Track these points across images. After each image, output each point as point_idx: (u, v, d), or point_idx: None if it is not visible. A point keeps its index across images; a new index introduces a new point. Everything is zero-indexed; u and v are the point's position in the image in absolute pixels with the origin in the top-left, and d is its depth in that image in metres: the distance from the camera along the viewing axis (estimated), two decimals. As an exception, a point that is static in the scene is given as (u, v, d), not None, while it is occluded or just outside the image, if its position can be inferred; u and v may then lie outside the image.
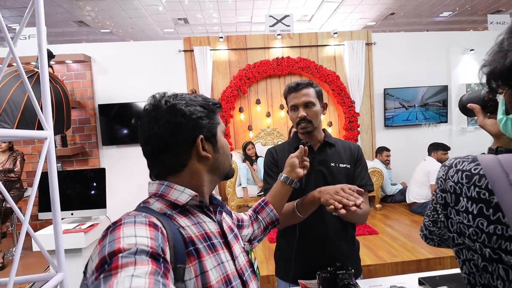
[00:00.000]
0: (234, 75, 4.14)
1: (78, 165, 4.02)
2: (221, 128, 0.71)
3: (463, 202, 0.54)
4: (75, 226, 2.23)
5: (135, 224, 0.49)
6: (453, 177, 0.57)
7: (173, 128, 0.63)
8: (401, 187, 4.09)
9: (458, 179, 0.56)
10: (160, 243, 0.48)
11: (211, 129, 0.67)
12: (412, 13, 7.68)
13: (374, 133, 4.44)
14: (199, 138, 0.64)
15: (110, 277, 0.40)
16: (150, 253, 0.45)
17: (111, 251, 0.44)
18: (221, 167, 0.70)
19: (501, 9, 7.54)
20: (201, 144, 0.64)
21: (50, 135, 0.83)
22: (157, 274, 0.42)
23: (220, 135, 0.70)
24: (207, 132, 0.66)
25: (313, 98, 1.20)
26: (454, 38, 4.54)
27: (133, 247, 0.44)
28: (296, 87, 1.19)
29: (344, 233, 1.25)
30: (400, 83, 4.40)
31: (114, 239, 0.46)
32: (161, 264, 0.45)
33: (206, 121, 0.66)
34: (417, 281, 1.15)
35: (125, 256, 0.43)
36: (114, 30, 8.06)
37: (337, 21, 7.86)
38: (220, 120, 0.72)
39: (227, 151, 0.72)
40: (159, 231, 0.51)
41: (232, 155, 0.70)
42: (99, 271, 0.42)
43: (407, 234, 2.96)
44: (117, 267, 0.41)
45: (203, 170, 0.66)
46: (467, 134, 4.52)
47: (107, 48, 4.11)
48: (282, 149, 1.27)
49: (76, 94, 3.99)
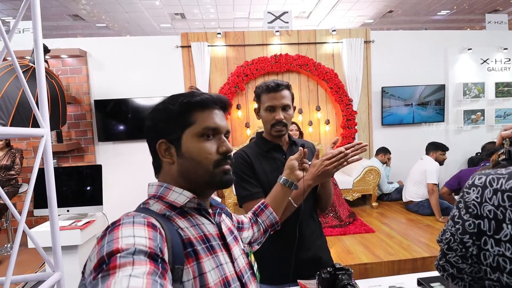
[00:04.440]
0: (232, 71, 4.11)
1: (74, 161, 3.98)
2: (195, 130, 0.63)
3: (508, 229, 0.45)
4: (71, 223, 2.21)
5: (133, 225, 0.50)
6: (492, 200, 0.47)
7: (145, 131, 0.68)
8: (398, 186, 4.11)
9: (499, 202, 0.46)
10: (158, 243, 0.49)
11: (171, 132, 0.63)
12: (410, 11, 7.68)
13: (372, 132, 4.45)
14: (158, 143, 0.64)
15: (108, 276, 0.40)
16: (148, 253, 0.45)
17: (109, 251, 0.44)
18: (191, 174, 0.63)
19: (498, 8, 7.57)
20: (163, 148, 0.64)
21: (46, 132, 0.81)
22: (155, 274, 0.43)
23: (188, 138, 0.63)
24: (168, 136, 0.64)
25: (289, 101, 1.19)
26: (451, 37, 4.55)
27: (132, 247, 0.45)
28: (277, 87, 1.16)
29: (319, 229, 1.30)
30: (397, 82, 4.41)
31: (112, 239, 0.46)
32: (159, 264, 0.45)
33: (165, 124, 0.64)
34: (416, 282, 1.16)
35: (123, 256, 0.43)
36: (110, 25, 7.96)
37: (335, 18, 7.84)
38: (199, 120, 0.63)
39: (197, 157, 0.62)
40: (157, 232, 0.51)
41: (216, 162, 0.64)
42: (97, 271, 0.42)
43: (403, 233, 2.98)
44: (115, 267, 0.41)
45: (170, 174, 0.65)
46: (463, 133, 4.55)
47: (104, 43, 4.05)
48: (253, 152, 1.22)
49: (71, 89, 3.94)
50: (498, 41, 4.55)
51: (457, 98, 4.52)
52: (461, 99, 4.49)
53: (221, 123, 0.66)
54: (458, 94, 4.50)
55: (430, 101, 4.45)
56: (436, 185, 3.27)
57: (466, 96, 4.48)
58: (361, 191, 3.82)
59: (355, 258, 2.49)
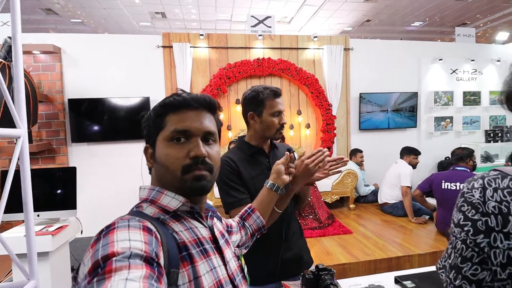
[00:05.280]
0: (214, 73, 4.09)
1: (44, 163, 3.78)
2: (164, 133, 0.61)
3: None
4: (41, 229, 2.09)
5: (129, 228, 0.49)
6: (494, 197, 0.50)
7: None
8: (374, 188, 4.26)
9: (501, 198, 0.49)
10: (154, 247, 0.48)
11: (150, 136, 0.64)
12: (387, 21, 8.02)
13: (350, 136, 4.58)
14: (144, 147, 0.66)
15: (104, 280, 0.40)
16: (144, 257, 0.45)
17: (104, 255, 0.43)
18: (163, 179, 0.62)
19: (466, 22, 8.09)
20: (147, 153, 0.65)
21: (23, 133, 0.77)
22: (151, 278, 0.42)
23: (160, 143, 0.61)
24: (149, 141, 0.65)
25: None
26: (424, 48, 4.80)
27: (127, 251, 0.44)
28: (279, 93, 1.24)
29: (300, 229, 1.35)
30: (374, 88, 4.58)
31: (107, 243, 0.45)
32: (155, 268, 0.45)
33: (147, 129, 0.65)
34: (393, 280, 1.21)
35: (119, 260, 0.42)
36: (86, 21, 7.66)
37: (316, 25, 8.03)
38: (170, 123, 0.61)
39: (165, 162, 0.60)
40: (153, 236, 0.50)
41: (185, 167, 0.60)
42: (92, 275, 0.41)
43: (379, 233, 3.09)
44: (111, 271, 0.41)
45: (153, 177, 0.66)
46: (434, 139, 4.81)
47: (80, 39, 3.89)
48: (239, 158, 1.23)
49: (43, 87, 3.74)
50: (466, 53, 4.87)
51: (429, 106, 4.77)
52: (432, 106, 4.74)
53: (194, 125, 0.61)
54: (430, 102, 4.76)
55: (404, 107, 4.66)
56: (409, 187, 3.43)
57: (437, 104, 4.74)
58: (340, 193, 3.92)
59: (334, 258, 2.55)
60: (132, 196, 3.69)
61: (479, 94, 4.88)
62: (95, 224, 3.03)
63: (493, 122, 4.97)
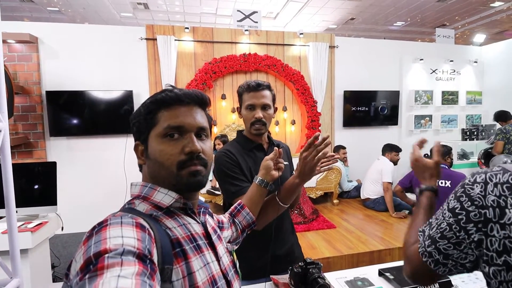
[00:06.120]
0: (199, 68, 4.04)
1: (21, 157, 3.61)
2: (157, 130, 0.61)
3: (510, 214, 0.53)
4: (20, 225, 2.01)
5: (121, 225, 0.49)
6: (494, 191, 0.56)
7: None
8: (356, 184, 4.37)
9: (500, 192, 0.55)
10: (147, 244, 0.48)
11: (142, 133, 0.64)
12: (370, 20, 8.18)
13: (334, 133, 4.66)
14: (135, 144, 0.66)
15: (96, 277, 0.40)
16: (137, 254, 0.45)
17: (96, 252, 0.43)
18: (156, 175, 0.62)
19: (445, 23, 8.38)
20: (138, 149, 0.65)
21: (5, 127, 0.74)
22: (144, 275, 0.42)
23: (152, 139, 0.62)
24: (140, 137, 0.64)
25: (270, 101, 1.23)
26: (406, 48, 4.94)
27: (120, 248, 0.44)
28: (257, 87, 1.20)
29: (292, 226, 1.40)
30: (358, 86, 4.68)
31: (100, 240, 0.45)
32: (147, 265, 0.45)
33: (137, 125, 0.65)
34: (377, 272, 1.25)
35: (112, 257, 0.42)
36: (63, 9, 7.32)
37: (301, 21, 8.07)
38: (162, 120, 0.61)
39: (159, 158, 0.60)
40: (146, 233, 0.50)
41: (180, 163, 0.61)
42: (84, 272, 0.41)
43: (361, 228, 3.18)
44: (103, 268, 0.41)
45: (145, 175, 0.66)
46: (414, 136, 4.98)
47: (58, 29, 3.72)
48: (237, 151, 1.23)
49: (19, 78, 3.57)
50: (445, 54, 5.05)
51: (409, 104, 4.93)
52: (413, 105, 4.90)
53: (187, 121, 0.62)
54: (410, 100, 4.91)
55: (386, 105, 4.79)
56: (390, 183, 3.54)
57: (417, 102, 4.90)
58: (324, 189, 3.99)
59: (318, 252, 2.60)
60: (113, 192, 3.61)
61: (457, 93, 5.09)
62: (75, 221, 2.96)
63: (469, 121, 5.19)
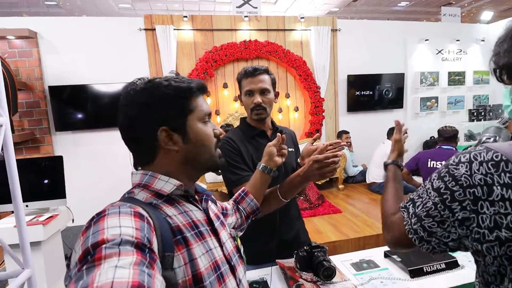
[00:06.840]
0: (200, 57, 3.99)
1: (29, 153, 3.67)
2: (198, 115, 0.65)
3: (497, 190, 0.54)
4: (31, 219, 2.06)
5: (119, 215, 0.49)
6: (480, 170, 0.56)
7: (131, 121, 0.62)
8: (362, 169, 4.36)
9: (486, 170, 0.55)
10: (146, 233, 0.48)
11: (177, 119, 0.63)
12: (373, 1, 7.95)
13: (338, 118, 4.62)
14: (159, 131, 0.61)
15: (93, 268, 0.39)
16: (135, 243, 0.45)
17: (94, 242, 0.43)
18: (197, 159, 0.66)
19: (451, 2, 8.11)
20: (165, 135, 0.62)
21: (6, 122, 0.74)
22: (142, 264, 0.42)
23: (193, 124, 0.65)
24: (172, 123, 0.62)
25: (268, 85, 1.21)
26: (411, 28, 4.80)
27: (118, 238, 0.44)
28: (254, 72, 1.18)
29: (298, 211, 1.42)
30: (362, 70, 4.59)
31: (98, 230, 0.45)
32: (146, 254, 0.44)
33: (169, 111, 0.62)
34: (383, 254, 1.26)
35: (109, 247, 0.42)
36: (61, 3, 7.25)
37: (302, 5, 7.88)
38: (198, 106, 0.65)
39: (205, 142, 0.66)
40: (145, 221, 0.50)
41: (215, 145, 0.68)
42: (82, 263, 0.41)
43: (367, 211, 3.20)
44: (101, 258, 0.40)
45: (173, 162, 0.64)
46: (419, 119, 4.91)
47: (57, 23, 3.69)
48: (238, 138, 1.22)
49: (21, 74, 3.57)
50: (451, 33, 4.90)
51: (415, 86, 4.84)
52: (418, 87, 4.81)
53: (209, 109, 0.70)
54: (416, 82, 4.82)
55: (391, 89, 4.71)
56: (396, 167, 3.52)
57: (423, 84, 4.81)
58: (329, 175, 3.99)
59: (324, 237, 2.63)
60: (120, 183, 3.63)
61: (464, 74, 4.97)
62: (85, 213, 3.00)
63: (477, 102, 5.09)
